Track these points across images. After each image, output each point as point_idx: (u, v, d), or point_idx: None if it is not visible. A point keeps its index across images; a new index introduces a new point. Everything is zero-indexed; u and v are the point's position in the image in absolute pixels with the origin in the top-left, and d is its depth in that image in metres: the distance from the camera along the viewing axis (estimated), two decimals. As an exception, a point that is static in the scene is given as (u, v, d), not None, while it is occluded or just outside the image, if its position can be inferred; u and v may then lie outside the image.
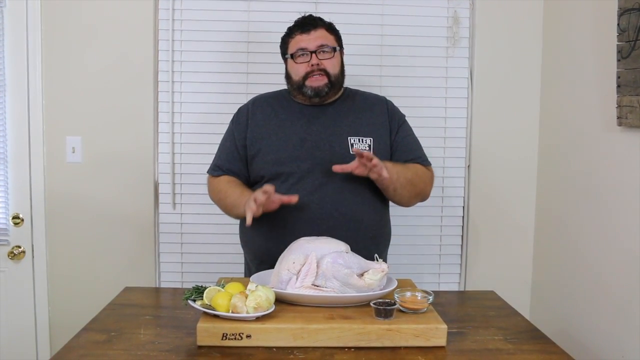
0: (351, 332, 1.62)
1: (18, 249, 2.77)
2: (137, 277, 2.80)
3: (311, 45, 2.14)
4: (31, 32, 2.71)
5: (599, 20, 2.27)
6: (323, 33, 2.18)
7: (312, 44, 2.14)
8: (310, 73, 2.14)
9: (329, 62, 2.16)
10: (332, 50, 2.17)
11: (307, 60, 2.14)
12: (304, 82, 2.15)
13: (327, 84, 2.15)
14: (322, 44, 2.15)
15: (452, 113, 2.89)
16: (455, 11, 2.84)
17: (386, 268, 1.81)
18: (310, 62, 2.14)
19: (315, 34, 2.16)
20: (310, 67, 2.14)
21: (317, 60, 2.14)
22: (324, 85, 2.15)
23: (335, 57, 2.18)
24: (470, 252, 2.92)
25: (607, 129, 2.20)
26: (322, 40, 2.16)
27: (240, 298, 1.64)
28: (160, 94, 2.81)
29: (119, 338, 1.71)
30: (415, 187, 2.19)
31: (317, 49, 2.14)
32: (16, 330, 2.79)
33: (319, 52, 2.14)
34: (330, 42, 2.17)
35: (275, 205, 2.01)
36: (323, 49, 2.15)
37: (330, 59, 2.16)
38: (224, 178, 2.25)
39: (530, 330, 1.85)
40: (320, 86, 2.15)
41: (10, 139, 2.74)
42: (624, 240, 2.08)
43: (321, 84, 2.15)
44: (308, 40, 2.15)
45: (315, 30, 2.16)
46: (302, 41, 2.15)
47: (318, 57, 2.14)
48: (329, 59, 2.16)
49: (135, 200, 2.81)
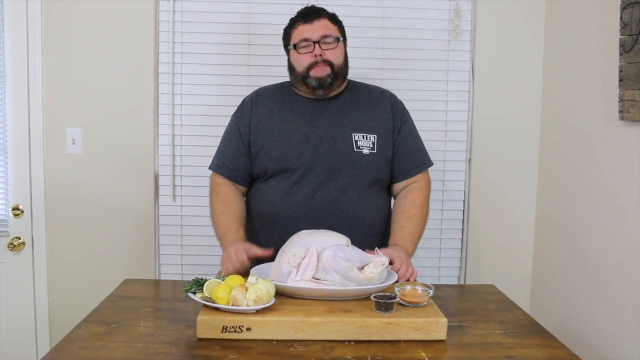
0: (351, 326, 1.62)
1: (18, 240, 2.77)
2: (137, 269, 2.80)
3: (314, 36, 2.10)
4: (31, 23, 2.70)
5: (601, 14, 2.26)
6: (326, 23, 2.14)
7: (315, 34, 2.10)
8: (314, 64, 2.10)
9: (332, 52, 2.12)
10: (335, 40, 2.13)
11: (310, 51, 2.10)
12: (308, 73, 2.11)
13: (330, 74, 2.11)
14: (325, 34, 2.11)
15: (453, 107, 2.88)
16: (457, 4, 2.82)
17: (387, 261, 1.80)
18: (313, 52, 2.10)
19: (318, 24, 2.12)
20: (314, 57, 2.10)
21: (321, 51, 2.10)
22: (327, 76, 2.11)
23: (339, 48, 2.15)
24: (470, 245, 2.91)
25: (609, 123, 2.19)
26: (326, 30, 2.12)
27: (241, 291, 1.64)
28: (161, 85, 2.80)
29: (119, 330, 1.71)
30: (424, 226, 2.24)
31: (320, 39, 2.10)
32: (16, 321, 2.80)
33: (322, 42, 2.10)
34: (333, 32, 2.13)
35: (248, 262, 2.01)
36: (326, 39, 2.11)
37: (334, 50, 2.12)
38: (222, 194, 2.21)
39: (531, 324, 1.84)
40: (323, 76, 2.11)
41: (10, 131, 2.74)
42: (625, 234, 2.08)
43: (324, 74, 2.11)
44: (311, 31, 2.11)
45: (319, 20, 2.12)
46: (305, 31, 2.11)
47: (321, 47, 2.10)
48: (332, 50, 2.12)
49: (135, 192, 2.81)
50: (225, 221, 2.17)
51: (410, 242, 2.13)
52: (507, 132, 2.86)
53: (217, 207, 2.21)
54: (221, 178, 2.23)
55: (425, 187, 2.25)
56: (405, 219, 2.17)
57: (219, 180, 2.24)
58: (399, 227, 2.16)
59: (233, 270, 1.95)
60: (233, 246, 2.04)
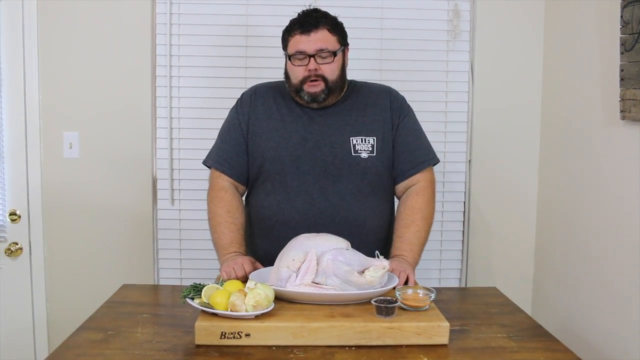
0: (352, 331, 1.60)
1: (15, 245, 2.75)
2: (135, 273, 2.78)
3: (310, 49, 2.03)
4: (27, 27, 2.68)
5: (601, 12, 2.24)
6: (324, 35, 2.05)
7: (311, 47, 2.03)
8: (308, 78, 2.05)
9: (327, 67, 2.05)
10: (331, 54, 2.05)
11: (305, 64, 2.05)
12: (302, 87, 2.07)
13: (324, 89, 2.06)
14: (321, 48, 2.04)
15: (453, 107, 2.86)
16: (455, 4, 2.81)
17: (387, 265, 1.79)
18: (307, 66, 2.04)
19: (315, 36, 2.04)
20: (308, 72, 2.04)
21: (315, 65, 2.03)
22: (321, 92, 2.06)
23: (335, 62, 2.07)
24: (471, 247, 2.90)
25: (610, 122, 2.17)
26: (322, 43, 2.04)
27: (239, 296, 1.62)
28: (158, 88, 2.78)
29: (116, 337, 1.69)
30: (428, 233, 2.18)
31: (315, 53, 2.04)
32: (14, 327, 2.78)
33: (317, 56, 2.04)
34: (330, 46, 2.05)
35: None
36: (322, 53, 2.04)
37: (329, 64, 2.06)
38: (226, 200, 2.14)
39: (534, 328, 1.83)
40: (316, 92, 2.06)
41: (7, 135, 2.72)
42: (627, 235, 2.06)
43: (317, 90, 2.06)
44: (307, 43, 2.04)
45: (316, 32, 2.04)
46: (301, 43, 2.04)
47: (316, 61, 2.04)
48: (327, 64, 2.05)
49: (133, 196, 2.79)
50: (230, 232, 2.10)
51: (410, 252, 2.07)
52: (508, 132, 2.84)
53: (221, 214, 2.13)
54: (224, 180, 2.17)
55: (426, 189, 2.17)
56: (402, 227, 2.12)
57: (222, 184, 2.17)
58: (397, 237, 2.12)
59: (234, 276, 1.92)
60: (241, 258, 2.01)
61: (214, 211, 2.15)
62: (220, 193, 2.16)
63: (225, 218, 2.12)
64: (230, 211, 2.13)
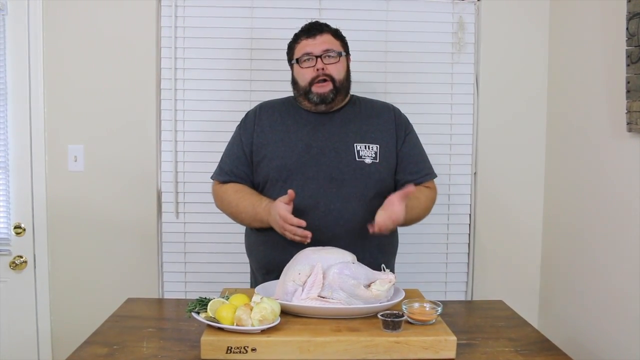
0: (359, 345, 1.59)
1: (20, 259, 2.74)
2: (140, 287, 2.76)
3: (317, 50, 2.14)
4: (33, 40, 2.69)
5: (607, 25, 2.24)
6: (329, 38, 2.17)
7: (317, 48, 2.14)
8: (316, 78, 2.13)
9: (334, 67, 2.15)
10: (337, 55, 2.16)
11: (312, 65, 2.14)
12: (310, 88, 2.15)
13: (332, 90, 2.14)
14: (327, 49, 2.15)
15: (458, 119, 2.85)
16: (460, 16, 2.81)
17: (393, 278, 1.78)
18: (315, 66, 2.13)
19: (321, 39, 2.16)
20: (316, 71, 2.13)
21: (323, 65, 2.13)
22: (329, 92, 2.14)
23: (341, 63, 2.18)
24: (477, 260, 2.88)
25: (616, 134, 2.16)
26: (328, 45, 2.16)
27: (245, 310, 1.61)
28: (163, 101, 2.78)
29: (122, 351, 1.68)
30: (421, 217, 2.25)
31: (322, 54, 2.14)
32: (18, 341, 2.76)
33: (324, 56, 2.14)
34: (335, 47, 2.17)
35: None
36: (328, 53, 2.14)
37: (336, 64, 2.15)
38: (230, 187, 2.22)
39: (542, 342, 1.81)
40: (325, 92, 2.14)
41: (12, 148, 2.72)
42: (634, 247, 2.05)
43: (326, 90, 2.14)
44: (314, 45, 2.15)
45: (321, 35, 2.16)
46: (308, 46, 2.15)
47: (323, 61, 2.13)
48: (334, 64, 2.15)
49: (138, 210, 2.78)
50: (248, 200, 2.16)
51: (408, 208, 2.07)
52: (513, 144, 2.83)
53: (232, 198, 2.20)
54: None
55: (432, 190, 2.28)
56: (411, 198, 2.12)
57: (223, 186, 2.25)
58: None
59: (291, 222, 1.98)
60: (273, 208, 2.04)
61: (226, 202, 2.22)
62: (222, 188, 2.25)
63: (236, 196, 2.19)
64: (237, 190, 2.21)
